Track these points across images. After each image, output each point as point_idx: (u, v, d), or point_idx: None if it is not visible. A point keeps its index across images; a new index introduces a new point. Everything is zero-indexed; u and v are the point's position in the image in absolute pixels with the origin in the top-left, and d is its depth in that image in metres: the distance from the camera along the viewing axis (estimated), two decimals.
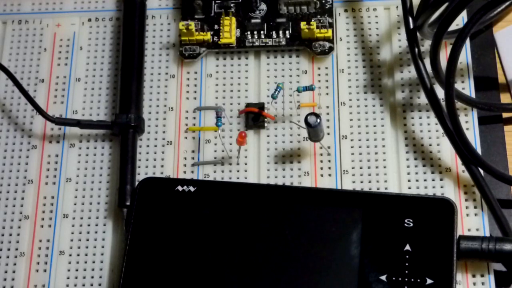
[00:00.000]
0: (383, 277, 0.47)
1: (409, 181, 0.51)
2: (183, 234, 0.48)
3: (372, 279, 0.47)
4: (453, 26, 0.50)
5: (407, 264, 0.47)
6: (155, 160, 0.53)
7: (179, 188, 0.50)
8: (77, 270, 0.50)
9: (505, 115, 0.53)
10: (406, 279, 0.47)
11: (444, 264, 0.47)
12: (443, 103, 0.50)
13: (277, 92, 0.52)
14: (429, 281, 0.46)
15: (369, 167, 0.52)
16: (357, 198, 0.49)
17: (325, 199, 0.49)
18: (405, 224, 0.48)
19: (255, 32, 0.55)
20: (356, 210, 0.48)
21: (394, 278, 0.47)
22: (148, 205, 0.49)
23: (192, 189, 0.50)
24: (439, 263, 0.47)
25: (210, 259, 0.48)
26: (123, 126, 0.53)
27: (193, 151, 0.53)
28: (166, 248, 0.48)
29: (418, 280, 0.46)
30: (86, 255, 0.51)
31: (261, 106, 0.54)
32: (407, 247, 0.47)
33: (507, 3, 0.55)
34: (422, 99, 0.53)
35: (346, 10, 0.56)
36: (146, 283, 0.48)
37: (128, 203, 0.50)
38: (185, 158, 0.53)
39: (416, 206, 0.48)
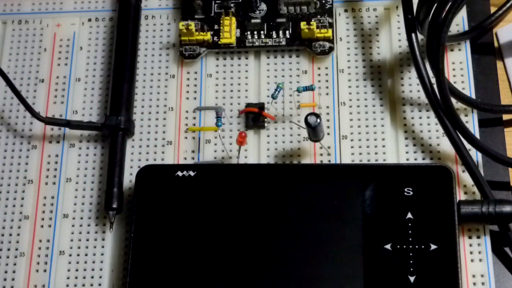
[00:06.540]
0: (388, 246, 0.47)
1: None
2: (186, 218, 0.49)
3: (377, 249, 0.47)
4: (453, 27, 0.50)
5: (410, 231, 0.47)
6: (155, 160, 0.53)
7: (179, 173, 0.50)
8: (77, 270, 0.50)
9: (505, 117, 0.53)
10: (411, 246, 0.47)
11: (447, 229, 0.47)
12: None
13: (277, 92, 0.52)
14: (433, 246, 0.47)
15: None
16: (357, 171, 0.49)
17: (325, 175, 0.49)
18: (405, 193, 0.48)
19: (255, 32, 0.55)
20: (356, 183, 0.49)
21: (398, 246, 0.47)
22: (149, 192, 0.49)
23: (192, 173, 0.50)
24: (442, 228, 0.47)
25: (214, 240, 0.48)
26: (112, 128, 0.52)
27: (193, 151, 0.53)
28: (170, 232, 0.48)
29: (422, 247, 0.47)
30: (86, 255, 0.51)
31: (261, 106, 0.54)
32: (409, 215, 0.48)
33: (508, 5, 0.55)
34: (422, 99, 0.53)
35: (346, 10, 0.56)
36: (152, 269, 0.48)
37: (114, 206, 0.50)
38: (185, 158, 0.53)
39: (414, 175, 0.49)
